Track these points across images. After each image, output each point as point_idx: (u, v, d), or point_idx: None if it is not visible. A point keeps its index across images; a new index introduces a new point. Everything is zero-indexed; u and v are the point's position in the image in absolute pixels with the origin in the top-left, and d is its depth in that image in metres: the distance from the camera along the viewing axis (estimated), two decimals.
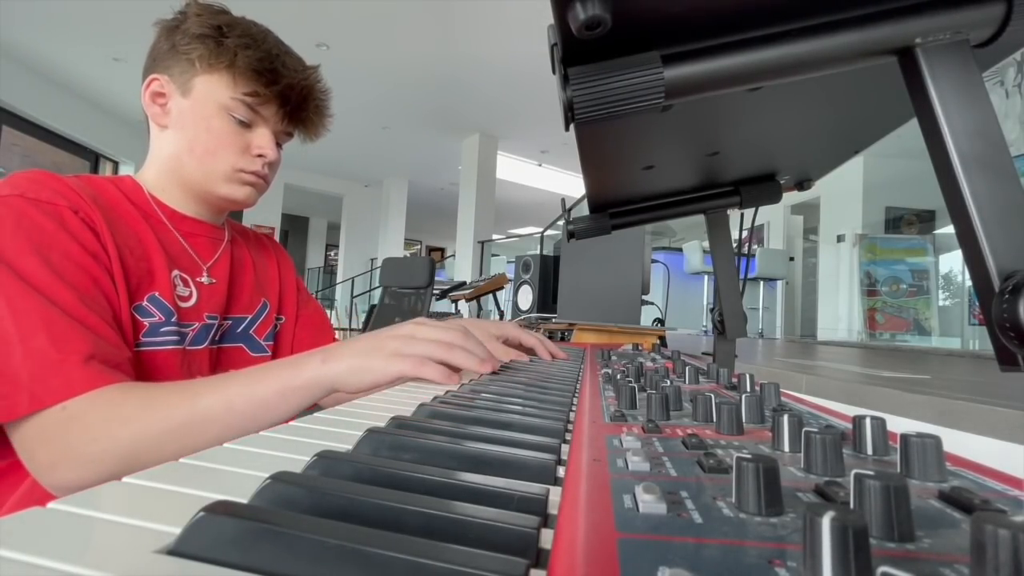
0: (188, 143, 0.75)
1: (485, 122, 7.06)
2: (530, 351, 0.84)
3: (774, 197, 0.81)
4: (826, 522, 0.13)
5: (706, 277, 6.17)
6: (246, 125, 0.76)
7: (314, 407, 0.50)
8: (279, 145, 0.81)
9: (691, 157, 0.69)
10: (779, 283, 6.63)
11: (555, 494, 0.23)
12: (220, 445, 0.31)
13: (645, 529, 0.17)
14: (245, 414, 0.53)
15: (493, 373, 0.60)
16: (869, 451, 0.28)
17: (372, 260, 10.16)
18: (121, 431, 0.51)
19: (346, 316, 8.19)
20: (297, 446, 0.32)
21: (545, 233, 5.57)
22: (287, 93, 0.78)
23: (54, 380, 0.52)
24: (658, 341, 1.76)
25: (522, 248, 9.57)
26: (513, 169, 8.44)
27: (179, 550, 0.17)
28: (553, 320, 1.99)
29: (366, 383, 0.55)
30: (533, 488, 0.23)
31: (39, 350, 0.52)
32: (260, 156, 0.78)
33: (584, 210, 0.87)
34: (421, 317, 0.69)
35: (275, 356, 0.87)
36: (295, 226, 12.66)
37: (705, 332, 5.48)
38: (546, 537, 0.19)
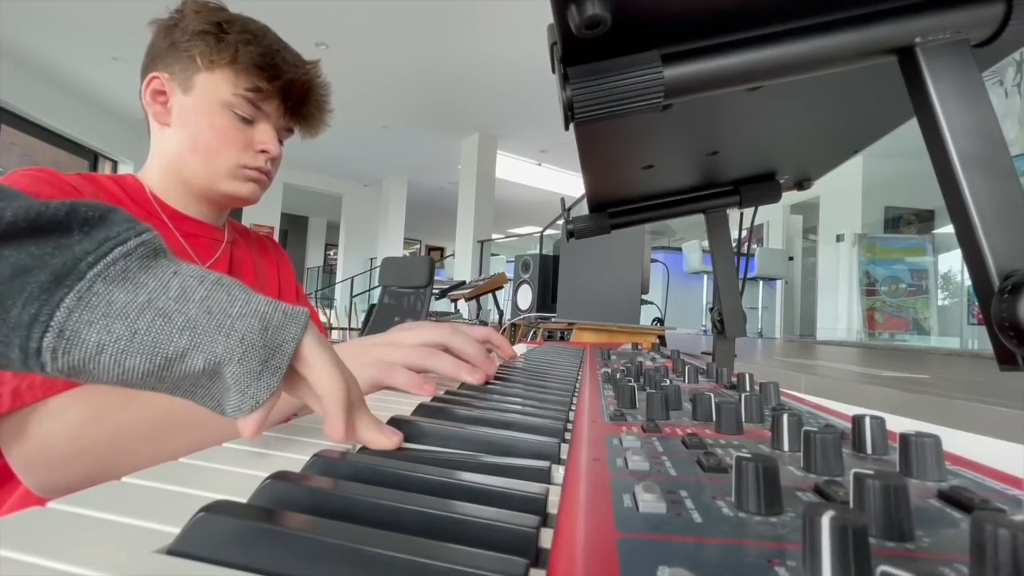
0: (191, 141, 0.75)
1: (485, 122, 7.05)
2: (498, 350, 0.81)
3: (774, 196, 0.81)
4: (826, 521, 0.13)
5: (705, 277, 6.18)
6: (248, 121, 0.76)
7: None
8: (280, 141, 0.81)
9: (691, 157, 0.69)
10: (778, 283, 6.63)
11: (555, 494, 0.23)
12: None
13: (645, 528, 0.17)
14: (222, 419, 0.52)
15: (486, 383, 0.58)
16: (869, 450, 0.28)
17: (371, 259, 10.14)
18: (97, 429, 0.49)
19: (345, 316, 8.18)
20: (296, 446, 0.32)
21: (545, 233, 5.56)
22: (288, 88, 0.78)
23: (37, 376, 0.51)
24: (657, 340, 1.76)
25: (522, 247, 9.56)
26: (512, 169, 8.43)
27: (179, 550, 0.17)
28: (552, 319, 1.99)
29: None
30: (533, 488, 0.23)
31: None
32: (263, 152, 0.78)
33: (584, 209, 0.87)
34: (422, 320, 0.67)
35: None
36: (294, 225, 12.65)
37: (704, 331, 5.49)
38: (546, 537, 0.19)
